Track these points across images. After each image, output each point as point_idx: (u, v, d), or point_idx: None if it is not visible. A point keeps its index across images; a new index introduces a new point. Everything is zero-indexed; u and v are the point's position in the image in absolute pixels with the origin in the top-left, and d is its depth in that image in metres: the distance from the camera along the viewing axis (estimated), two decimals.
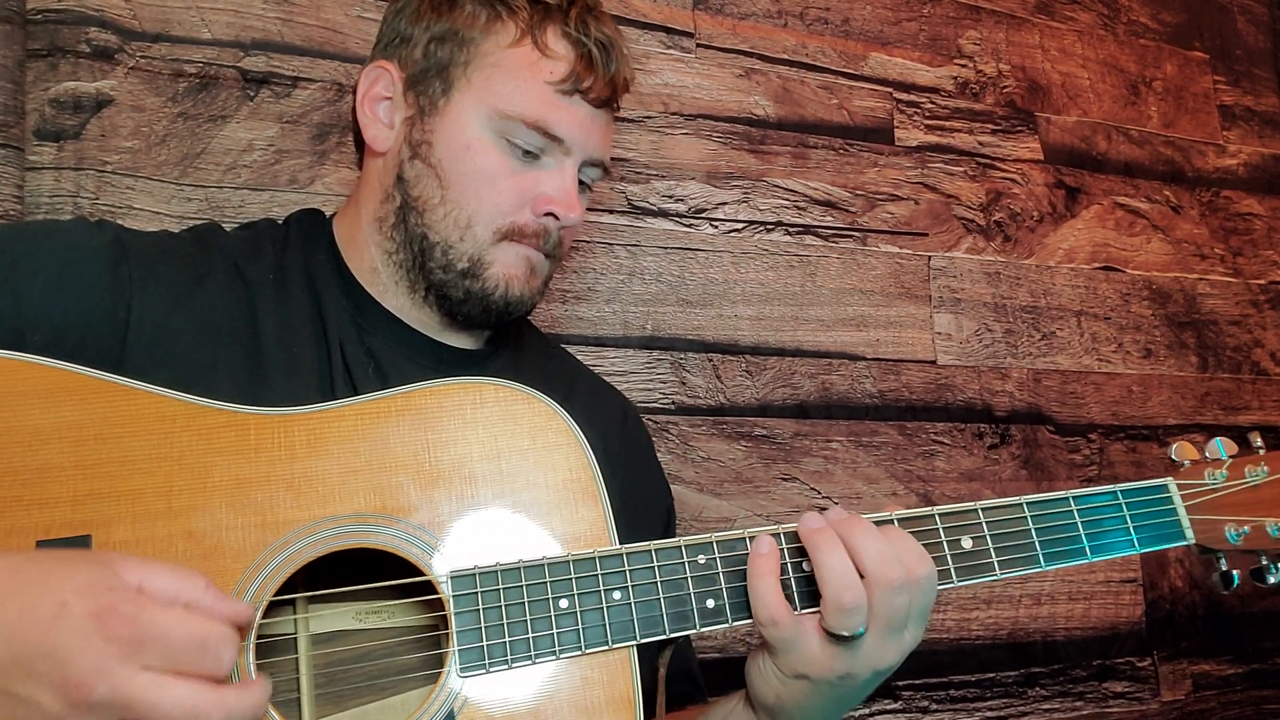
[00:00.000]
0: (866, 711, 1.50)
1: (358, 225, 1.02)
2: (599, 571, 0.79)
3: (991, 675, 1.59)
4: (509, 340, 1.11)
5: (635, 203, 1.50)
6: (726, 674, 1.41)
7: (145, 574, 0.61)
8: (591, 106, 0.98)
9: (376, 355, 0.96)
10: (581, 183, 1.01)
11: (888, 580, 0.76)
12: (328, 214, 1.07)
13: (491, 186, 0.95)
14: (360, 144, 1.05)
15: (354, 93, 1.05)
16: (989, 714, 1.58)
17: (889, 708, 1.51)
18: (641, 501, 1.09)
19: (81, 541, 0.71)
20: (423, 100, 0.97)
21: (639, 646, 0.78)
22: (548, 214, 0.96)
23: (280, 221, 1.04)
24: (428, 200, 0.96)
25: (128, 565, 0.61)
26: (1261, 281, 1.99)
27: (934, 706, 1.54)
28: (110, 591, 0.59)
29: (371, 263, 1.00)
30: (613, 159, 1.49)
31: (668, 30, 1.57)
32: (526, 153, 0.95)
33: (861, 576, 0.77)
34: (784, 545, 0.82)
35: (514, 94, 0.94)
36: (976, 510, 0.86)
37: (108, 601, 0.58)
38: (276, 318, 0.93)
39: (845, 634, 0.77)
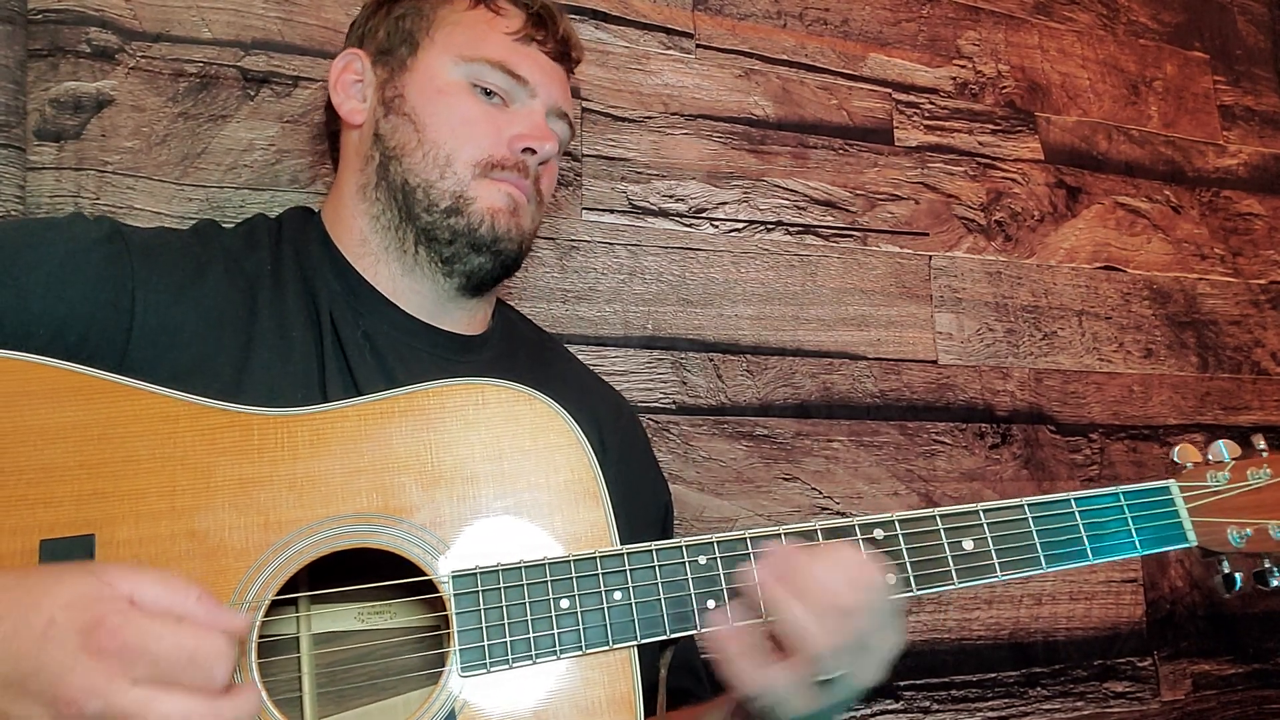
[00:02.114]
0: (867, 711, 1.50)
1: (342, 203, 1.04)
2: (600, 572, 0.79)
3: (993, 675, 1.59)
4: (504, 328, 1.11)
5: (635, 202, 1.50)
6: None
7: (137, 584, 0.61)
8: (548, 57, 1.05)
9: (372, 337, 0.97)
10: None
11: (837, 609, 0.74)
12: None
13: (467, 125, 0.99)
14: (334, 147, 1.10)
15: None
16: (990, 714, 1.58)
17: (890, 708, 1.51)
18: (639, 497, 1.10)
19: (85, 540, 0.71)
20: (392, 63, 1.03)
21: (640, 647, 0.79)
22: (525, 150, 1.00)
23: (273, 217, 1.06)
24: (404, 145, 0.99)
25: (120, 575, 0.61)
26: (1262, 281, 1.99)
27: (935, 706, 1.54)
28: (98, 603, 0.59)
29: (360, 233, 1.02)
30: (612, 159, 1.50)
31: (668, 31, 1.57)
32: (496, 95, 1.01)
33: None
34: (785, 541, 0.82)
35: (477, 41, 1.02)
36: (978, 512, 0.86)
37: (95, 615, 0.58)
38: (273, 306, 0.94)
39: (823, 678, 0.76)
